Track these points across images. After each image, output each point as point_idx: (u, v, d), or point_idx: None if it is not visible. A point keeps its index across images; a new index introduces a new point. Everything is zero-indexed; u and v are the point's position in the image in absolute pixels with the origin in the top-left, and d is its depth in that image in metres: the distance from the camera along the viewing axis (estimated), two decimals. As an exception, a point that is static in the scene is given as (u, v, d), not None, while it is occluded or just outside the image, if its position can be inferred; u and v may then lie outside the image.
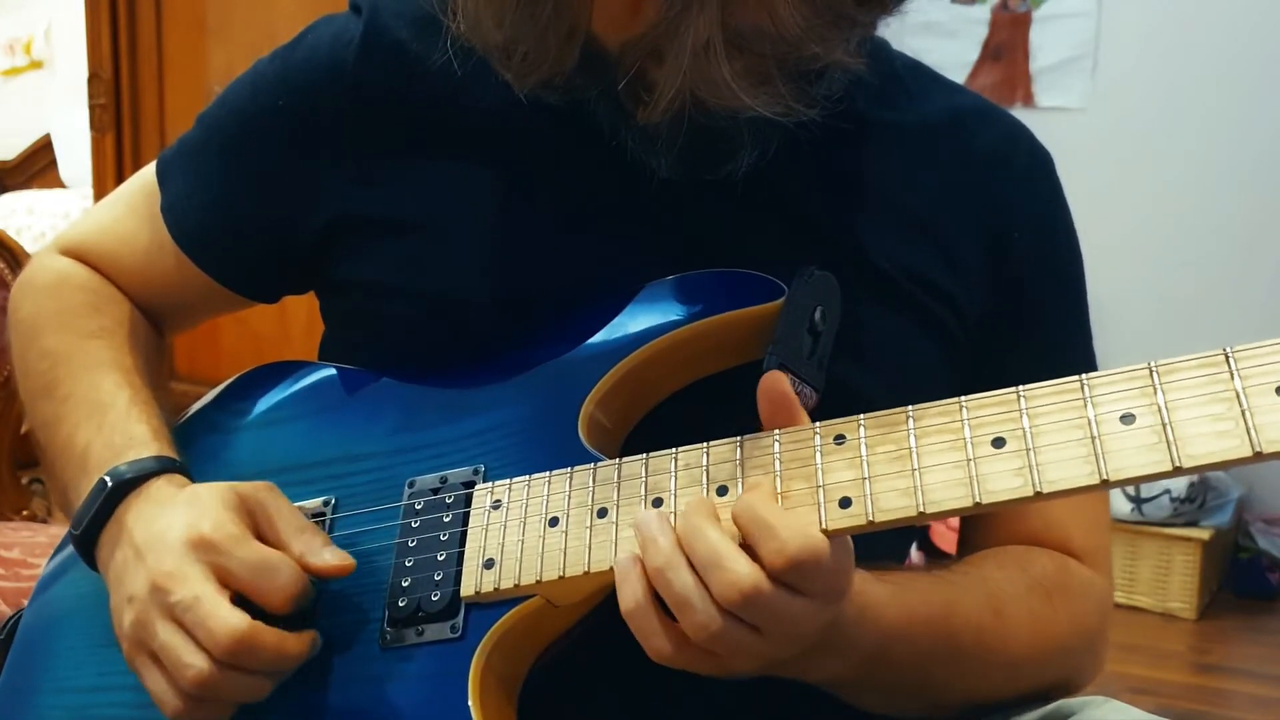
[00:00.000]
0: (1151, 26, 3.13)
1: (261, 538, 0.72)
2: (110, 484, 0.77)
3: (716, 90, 0.65)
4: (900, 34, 0.76)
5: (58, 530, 1.76)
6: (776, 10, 0.62)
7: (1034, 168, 0.88)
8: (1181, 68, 3.09)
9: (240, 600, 0.69)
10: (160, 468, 0.78)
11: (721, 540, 0.61)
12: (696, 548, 0.61)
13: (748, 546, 0.61)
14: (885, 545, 0.75)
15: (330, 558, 0.72)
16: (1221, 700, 2.54)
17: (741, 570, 0.60)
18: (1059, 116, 3.21)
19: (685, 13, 0.62)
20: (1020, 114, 0.92)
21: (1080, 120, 3.20)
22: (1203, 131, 3.08)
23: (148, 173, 0.93)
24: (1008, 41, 3.32)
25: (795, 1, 0.62)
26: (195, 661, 0.67)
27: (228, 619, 0.67)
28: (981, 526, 0.86)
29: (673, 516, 0.65)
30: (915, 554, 2.58)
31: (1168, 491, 2.87)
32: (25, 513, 2.02)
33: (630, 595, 0.63)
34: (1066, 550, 0.84)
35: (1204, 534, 2.89)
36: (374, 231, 0.83)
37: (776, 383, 0.67)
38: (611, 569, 0.66)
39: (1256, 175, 3.04)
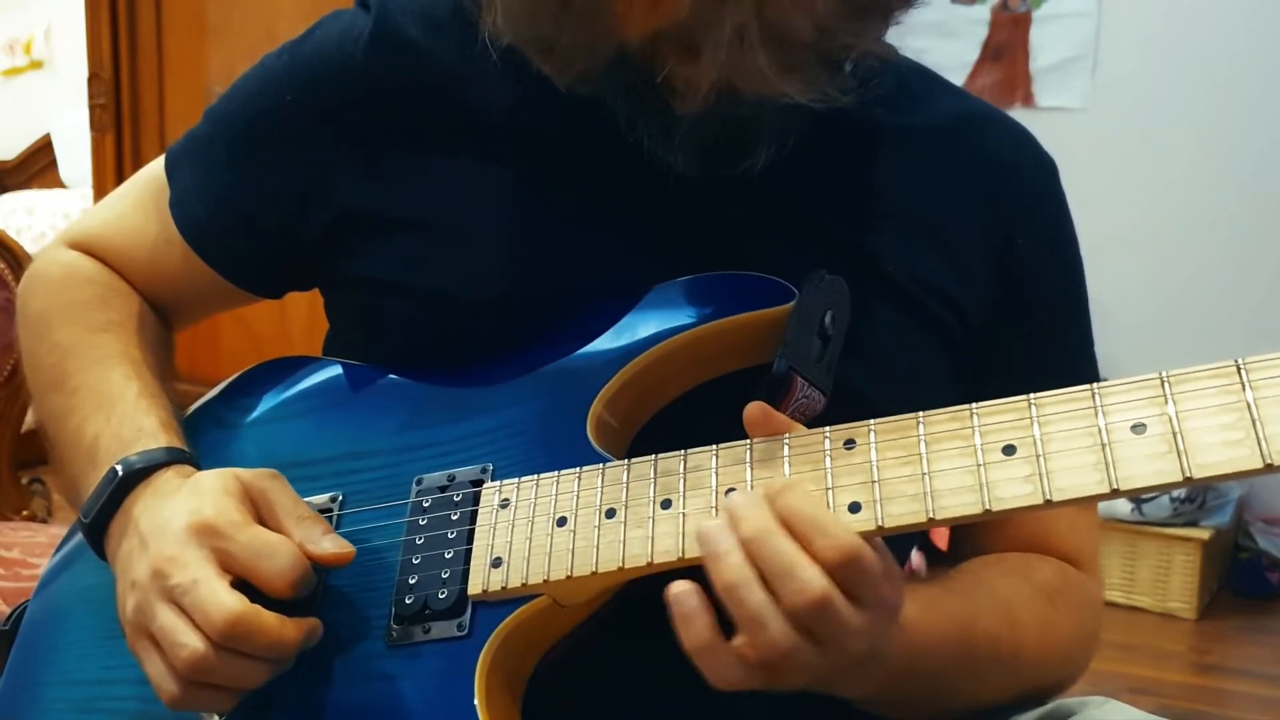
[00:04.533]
0: (1151, 26, 3.13)
1: (264, 524, 0.72)
2: (121, 473, 0.77)
3: (752, 79, 0.65)
4: (900, 34, 0.76)
5: (58, 530, 1.77)
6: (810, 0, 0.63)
7: (1039, 174, 0.89)
8: (1181, 68, 3.10)
9: (243, 587, 0.69)
10: (170, 459, 0.78)
11: (793, 547, 0.60)
12: (767, 556, 0.60)
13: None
14: (889, 548, 0.75)
15: (330, 545, 0.72)
16: (1221, 700, 2.54)
17: (813, 578, 0.59)
18: (1059, 116, 3.21)
19: (722, 5, 0.62)
20: (1020, 114, 0.93)
21: (1080, 120, 3.20)
22: (1203, 131, 3.09)
23: (155, 167, 0.93)
24: (1008, 41, 3.32)
25: None
26: (190, 642, 0.67)
27: (224, 600, 0.67)
28: (978, 529, 0.86)
29: (733, 520, 0.63)
30: (916, 555, 2.58)
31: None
32: (25, 513, 2.02)
33: (699, 631, 0.62)
34: (1062, 554, 0.85)
35: (1204, 534, 2.89)
36: (382, 227, 0.83)
37: (759, 414, 0.67)
38: (619, 569, 0.67)
39: (1256, 175, 3.05)
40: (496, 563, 0.70)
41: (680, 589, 0.62)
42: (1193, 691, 2.56)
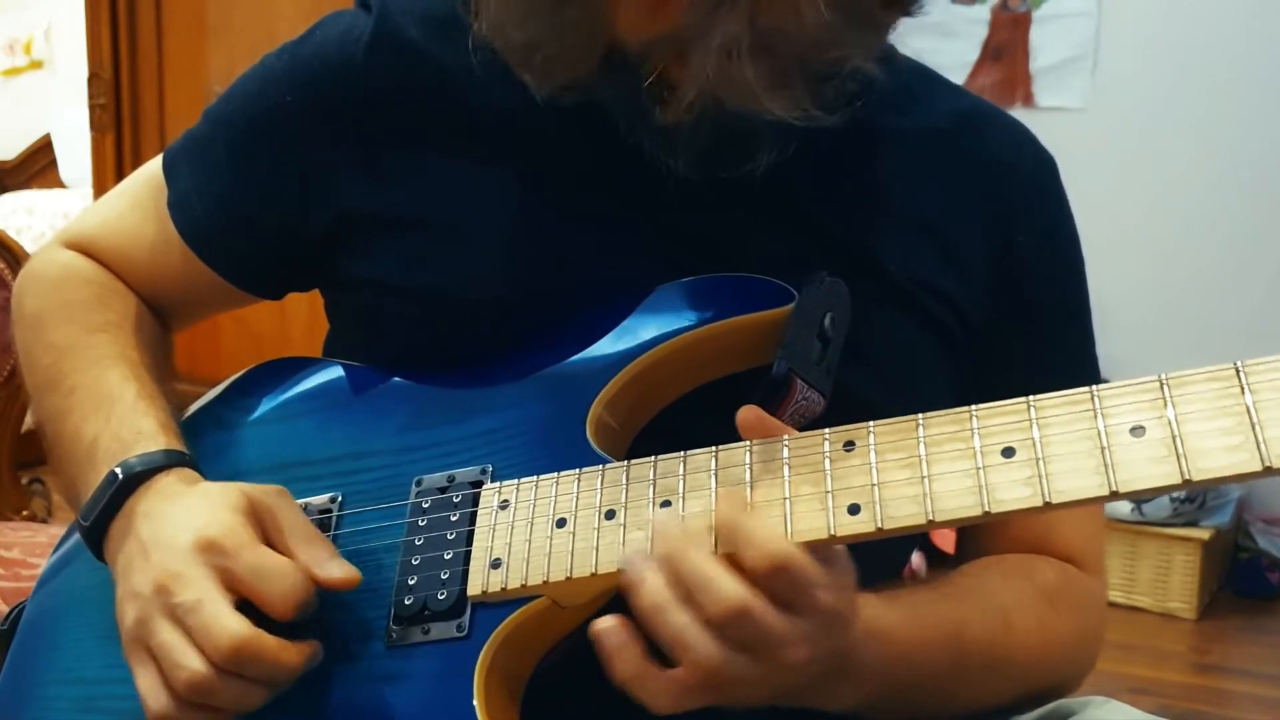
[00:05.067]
0: (1151, 26, 3.13)
1: (269, 544, 0.72)
2: (121, 476, 0.77)
3: (738, 92, 0.65)
4: (900, 34, 0.76)
5: (57, 530, 1.76)
6: (802, 13, 0.62)
7: (1039, 173, 0.88)
8: (1181, 68, 3.10)
9: (244, 606, 0.69)
10: (169, 461, 0.78)
11: (706, 560, 0.60)
12: (683, 572, 0.61)
13: (732, 560, 0.61)
14: (889, 550, 0.75)
15: (336, 570, 0.72)
16: (1221, 700, 2.54)
17: (729, 586, 0.59)
18: (1059, 116, 3.21)
19: (714, 13, 0.62)
20: (1020, 114, 0.93)
21: (1080, 120, 3.20)
22: (1203, 131, 3.08)
23: (154, 167, 0.93)
24: (1008, 41, 3.32)
25: (821, 4, 0.62)
26: (192, 664, 0.67)
27: (229, 624, 0.67)
28: (982, 531, 0.86)
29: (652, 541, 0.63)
30: (916, 556, 2.58)
31: (1167, 491, 2.87)
32: (25, 513, 2.02)
33: (628, 663, 0.62)
34: (1065, 555, 0.85)
35: (1204, 534, 2.89)
36: (382, 228, 0.83)
37: (752, 418, 0.67)
38: (619, 570, 0.66)
39: (1256, 175, 3.05)
40: (496, 564, 0.70)
41: (603, 625, 0.63)
42: (1193, 691, 2.56)
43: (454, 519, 0.74)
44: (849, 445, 0.64)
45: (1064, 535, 0.85)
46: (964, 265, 0.83)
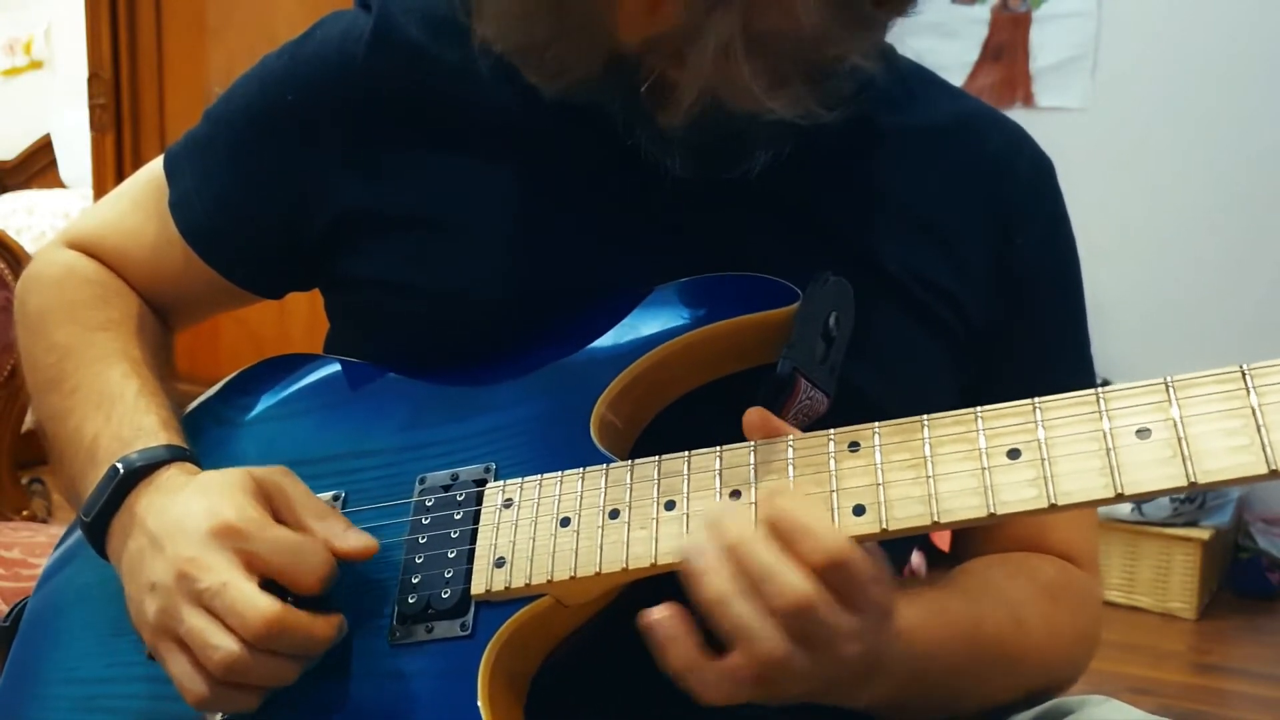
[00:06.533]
0: (1151, 26, 3.13)
1: (281, 522, 0.72)
2: (122, 471, 0.77)
3: (736, 92, 0.65)
4: (900, 34, 0.76)
5: (57, 530, 1.76)
6: (796, 12, 0.62)
7: (1038, 174, 0.89)
8: (1181, 68, 3.10)
9: (265, 585, 0.69)
10: (171, 456, 0.78)
11: (775, 552, 0.60)
12: (749, 563, 0.60)
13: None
14: (892, 549, 0.75)
15: (354, 540, 0.72)
16: (1221, 700, 2.54)
17: (796, 580, 0.59)
18: (1059, 116, 3.21)
19: (709, 15, 0.62)
20: (1020, 114, 0.93)
21: (1080, 120, 3.20)
22: (1203, 131, 3.09)
23: (155, 167, 0.93)
24: (1008, 41, 3.32)
25: (815, 3, 0.62)
26: (225, 644, 0.67)
27: (259, 602, 0.67)
28: (980, 529, 0.86)
29: (715, 531, 0.63)
30: (916, 556, 2.58)
31: (1167, 491, 2.87)
32: (25, 513, 2.02)
33: (683, 653, 0.62)
34: (1062, 553, 0.85)
35: (1204, 534, 2.89)
36: (382, 227, 0.83)
37: (757, 420, 0.67)
38: (622, 570, 0.67)
39: (1256, 175, 3.05)
40: (500, 562, 0.70)
41: (656, 616, 0.62)
42: (1193, 691, 2.56)
43: (458, 518, 0.74)
44: (854, 446, 0.64)
45: (1061, 533, 0.86)
46: (964, 264, 0.84)
